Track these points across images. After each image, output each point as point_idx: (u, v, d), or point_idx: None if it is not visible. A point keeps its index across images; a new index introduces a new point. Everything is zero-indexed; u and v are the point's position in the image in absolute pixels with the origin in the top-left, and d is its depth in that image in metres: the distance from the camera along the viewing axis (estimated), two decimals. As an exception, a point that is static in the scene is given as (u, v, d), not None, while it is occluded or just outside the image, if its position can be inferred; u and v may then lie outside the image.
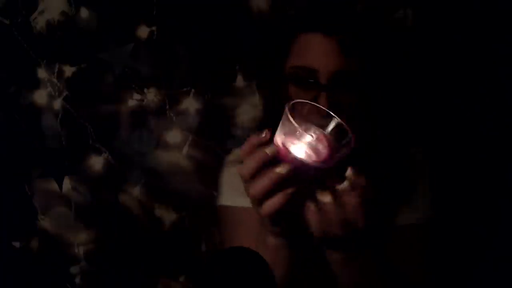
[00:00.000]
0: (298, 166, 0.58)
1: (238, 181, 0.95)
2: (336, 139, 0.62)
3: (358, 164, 0.81)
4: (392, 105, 0.86)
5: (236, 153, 1.02)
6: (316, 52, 0.78)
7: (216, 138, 1.20)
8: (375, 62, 0.81)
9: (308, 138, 0.60)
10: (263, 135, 0.61)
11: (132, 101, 1.18)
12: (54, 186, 1.21)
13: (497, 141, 1.07)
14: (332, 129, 0.63)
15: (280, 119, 0.62)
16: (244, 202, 0.98)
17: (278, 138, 0.60)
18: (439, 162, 0.92)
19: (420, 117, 1.07)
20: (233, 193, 1.00)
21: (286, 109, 0.59)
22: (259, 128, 0.71)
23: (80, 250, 1.24)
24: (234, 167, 1.00)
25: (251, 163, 0.60)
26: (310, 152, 0.59)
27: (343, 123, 0.62)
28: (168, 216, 1.23)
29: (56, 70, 1.17)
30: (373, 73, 0.80)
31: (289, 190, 0.60)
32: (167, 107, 1.19)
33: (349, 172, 0.62)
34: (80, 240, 1.24)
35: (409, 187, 0.85)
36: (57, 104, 1.18)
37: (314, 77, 0.78)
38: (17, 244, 1.24)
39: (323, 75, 0.77)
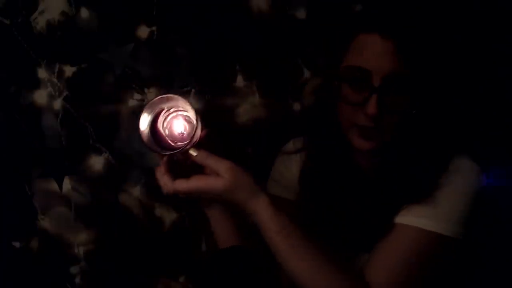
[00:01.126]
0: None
1: (283, 172, 1.01)
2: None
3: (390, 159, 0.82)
4: (443, 110, 0.82)
5: (292, 143, 1.02)
6: (371, 53, 0.77)
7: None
8: (430, 66, 0.79)
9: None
10: None
11: (133, 101, 1.18)
12: (54, 186, 1.21)
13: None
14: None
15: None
16: (283, 192, 0.99)
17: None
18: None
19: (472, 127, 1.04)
20: (274, 183, 1.02)
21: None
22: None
23: (80, 250, 1.24)
24: (284, 156, 1.02)
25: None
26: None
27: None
28: (168, 216, 1.23)
29: (56, 70, 1.17)
30: (427, 77, 0.78)
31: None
32: (167, 107, 1.19)
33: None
34: (80, 240, 1.24)
35: (440, 195, 0.80)
36: (57, 104, 1.18)
37: (367, 78, 0.77)
38: (17, 244, 1.24)
39: (376, 77, 0.76)
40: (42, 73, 1.17)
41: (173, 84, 1.18)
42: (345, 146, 0.85)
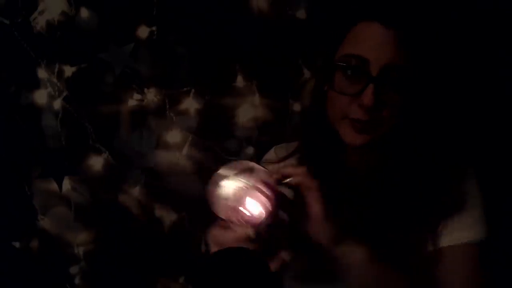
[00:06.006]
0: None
1: None
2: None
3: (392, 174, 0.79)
4: (441, 110, 0.78)
5: (273, 151, 0.99)
6: (370, 42, 0.74)
7: (216, 138, 1.20)
8: (431, 60, 0.75)
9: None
10: None
11: (132, 101, 1.18)
12: (54, 186, 1.21)
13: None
14: None
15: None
16: None
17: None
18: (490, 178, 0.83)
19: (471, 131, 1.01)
20: None
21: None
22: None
23: (80, 250, 1.24)
24: (266, 167, 1.00)
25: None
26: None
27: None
28: (168, 216, 1.23)
29: (56, 70, 1.17)
30: (427, 72, 0.74)
31: None
32: (167, 107, 1.19)
33: None
34: (80, 240, 1.24)
35: (457, 204, 0.78)
36: (57, 104, 1.18)
37: (364, 68, 0.73)
38: (17, 244, 1.24)
39: (374, 67, 0.73)
40: (42, 73, 1.17)
41: (173, 84, 1.18)
42: (338, 144, 0.81)
